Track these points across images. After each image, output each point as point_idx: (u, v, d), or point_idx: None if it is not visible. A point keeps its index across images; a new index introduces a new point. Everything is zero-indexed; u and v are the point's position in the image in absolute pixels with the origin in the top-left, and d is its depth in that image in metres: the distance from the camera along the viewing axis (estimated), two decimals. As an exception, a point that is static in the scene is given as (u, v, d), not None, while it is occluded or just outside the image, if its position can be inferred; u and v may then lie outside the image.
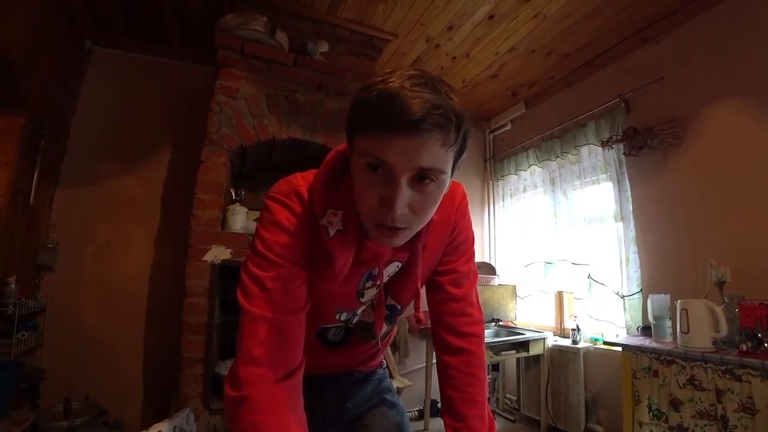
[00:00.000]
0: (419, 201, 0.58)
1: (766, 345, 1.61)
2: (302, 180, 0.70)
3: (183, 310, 1.95)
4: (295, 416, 0.61)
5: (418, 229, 0.64)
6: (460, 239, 0.82)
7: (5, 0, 1.70)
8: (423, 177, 0.57)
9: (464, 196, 0.82)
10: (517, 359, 3.03)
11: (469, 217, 0.84)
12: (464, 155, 0.62)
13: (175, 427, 1.65)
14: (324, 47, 2.48)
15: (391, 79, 0.55)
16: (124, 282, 2.51)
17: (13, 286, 1.94)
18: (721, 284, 1.93)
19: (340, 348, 0.88)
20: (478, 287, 0.87)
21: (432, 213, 0.63)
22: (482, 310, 0.87)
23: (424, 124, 0.52)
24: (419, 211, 0.59)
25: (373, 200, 0.58)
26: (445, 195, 0.65)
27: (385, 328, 0.87)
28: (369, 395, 0.96)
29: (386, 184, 0.57)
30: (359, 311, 0.83)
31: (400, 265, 0.78)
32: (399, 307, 0.84)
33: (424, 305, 0.81)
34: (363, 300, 0.80)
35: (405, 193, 0.57)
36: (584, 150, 2.92)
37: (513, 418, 3.06)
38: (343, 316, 0.82)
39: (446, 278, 0.82)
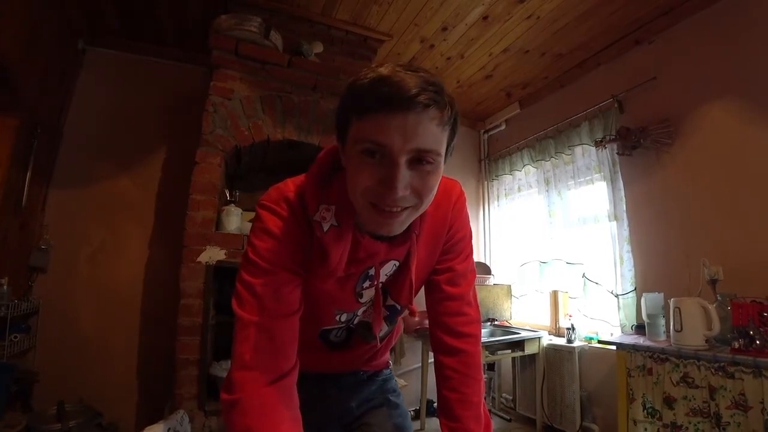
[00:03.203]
0: (419, 181, 0.58)
1: (758, 342, 1.62)
2: (292, 185, 0.71)
3: (177, 312, 1.94)
4: (287, 417, 0.61)
5: (417, 214, 0.64)
6: (457, 237, 0.82)
7: (0, 1, 1.69)
8: (420, 159, 0.57)
9: (461, 193, 0.82)
10: (513, 358, 3.04)
11: (467, 215, 0.84)
12: (455, 139, 0.62)
13: (169, 429, 1.64)
14: (318, 48, 2.48)
15: (381, 68, 0.56)
16: (118, 283, 2.50)
17: (5, 287, 1.92)
18: (713, 282, 1.95)
19: (343, 349, 0.89)
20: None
21: (431, 197, 0.62)
22: (480, 309, 0.86)
23: (419, 98, 0.53)
24: (421, 191, 0.59)
25: (371, 182, 0.58)
26: (442, 192, 0.65)
27: (386, 328, 0.87)
28: (372, 395, 0.96)
29: (385, 168, 0.56)
30: (359, 312, 0.83)
31: (397, 264, 0.78)
32: (399, 307, 0.84)
33: (422, 305, 0.80)
34: (362, 301, 0.80)
35: (405, 174, 0.56)
36: (578, 150, 2.94)
37: (509, 417, 3.07)
38: (344, 317, 0.82)
39: (443, 277, 0.82)
